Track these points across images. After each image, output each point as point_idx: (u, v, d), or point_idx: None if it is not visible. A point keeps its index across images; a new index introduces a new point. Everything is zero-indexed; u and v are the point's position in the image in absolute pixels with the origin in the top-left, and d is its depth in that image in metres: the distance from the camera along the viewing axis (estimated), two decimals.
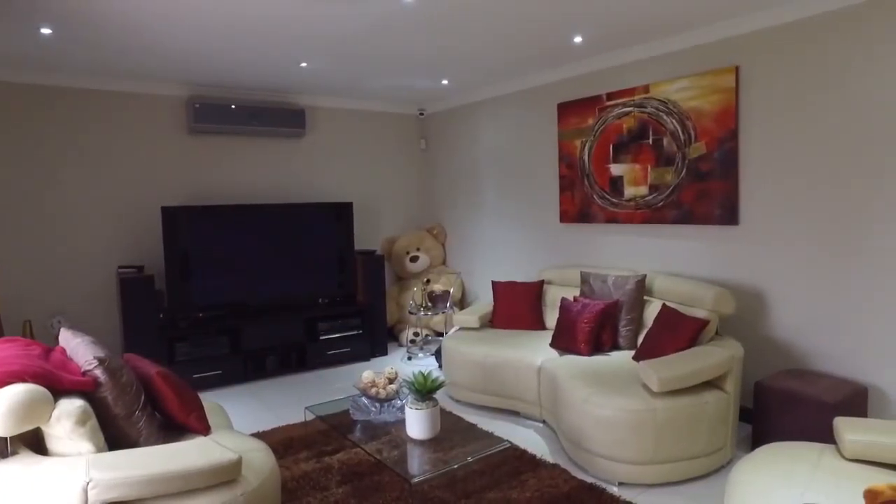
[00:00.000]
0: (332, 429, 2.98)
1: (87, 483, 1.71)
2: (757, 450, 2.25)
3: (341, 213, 5.37)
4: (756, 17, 3.38)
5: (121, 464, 1.80)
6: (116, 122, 4.70)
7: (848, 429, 2.08)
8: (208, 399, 3.40)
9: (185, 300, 4.66)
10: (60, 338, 2.43)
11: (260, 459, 2.22)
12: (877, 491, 1.52)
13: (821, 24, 3.16)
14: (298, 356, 5.02)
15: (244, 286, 4.92)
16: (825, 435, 2.78)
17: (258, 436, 3.54)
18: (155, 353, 4.26)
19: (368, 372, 2.96)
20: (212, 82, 4.85)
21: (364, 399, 2.97)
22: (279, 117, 5.23)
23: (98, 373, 2.07)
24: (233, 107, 4.98)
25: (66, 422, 1.85)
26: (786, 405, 3.00)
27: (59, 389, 1.95)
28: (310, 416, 3.22)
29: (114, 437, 2.10)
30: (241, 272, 4.91)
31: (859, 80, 3.03)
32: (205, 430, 2.38)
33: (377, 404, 2.92)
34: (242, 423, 3.84)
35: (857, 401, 2.92)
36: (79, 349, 2.18)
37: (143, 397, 2.19)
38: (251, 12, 3.20)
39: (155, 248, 4.89)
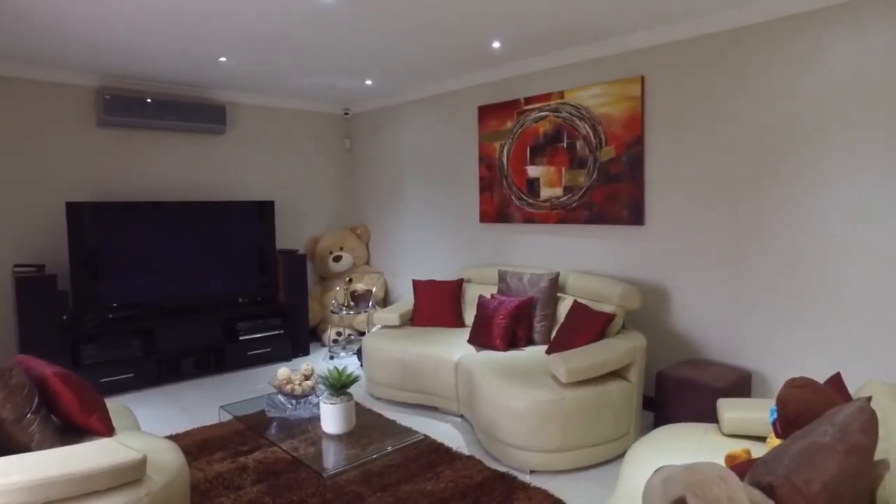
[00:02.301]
0: (248, 428, 2.94)
1: None
2: (651, 432, 2.42)
3: (263, 212, 5.27)
4: (659, 31, 3.63)
5: (2, 470, 1.72)
6: (13, 111, 4.40)
7: (726, 408, 2.29)
8: (118, 403, 3.26)
9: (92, 301, 4.43)
10: None
11: (167, 459, 2.17)
12: (734, 455, 1.70)
13: (717, 41, 3.43)
14: (217, 357, 4.89)
15: (159, 286, 4.74)
16: (714, 416, 3.03)
17: (171, 438, 3.43)
18: (57, 357, 4.03)
19: (284, 369, 2.94)
20: (124, 73, 4.65)
21: (280, 396, 2.95)
22: (198, 113, 5.07)
23: None
24: (148, 100, 4.79)
25: None
26: (682, 392, 3.23)
27: None
28: (225, 417, 3.16)
29: (1, 443, 1.99)
30: (156, 271, 4.72)
31: (751, 93, 3.31)
32: (108, 431, 2.30)
33: (293, 401, 2.91)
34: (154, 426, 3.71)
35: (741, 385, 3.19)
36: None
37: (36, 399, 2.10)
38: (160, 3, 3.11)
39: (59, 245, 4.62)
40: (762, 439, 2.20)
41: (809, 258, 3.11)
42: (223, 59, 4.24)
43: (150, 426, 3.70)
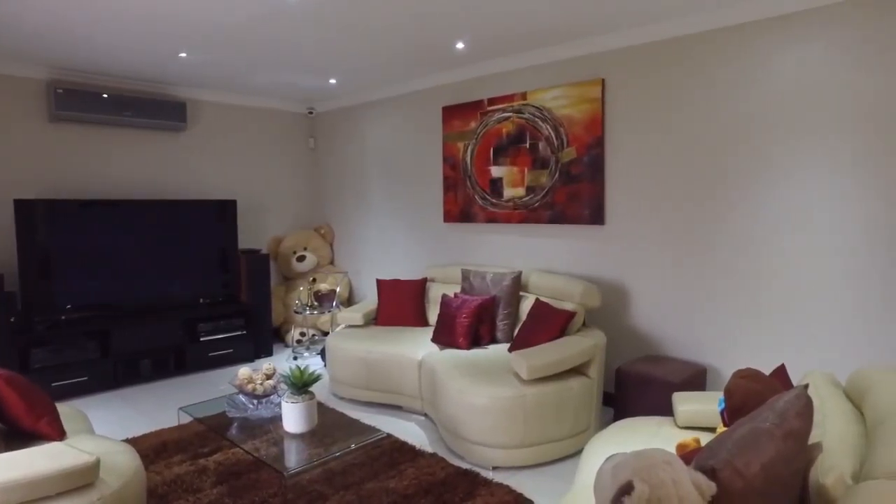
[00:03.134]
0: (209, 429, 2.90)
1: None
2: (608, 427, 2.48)
3: (225, 212, 5.19)
4: (619, 35, 3.71)
5: None
6: None
7: (680, 402, 2.36)
8: (71, 407, 3.17)
9: (43, 302, 4.29)
10: None
11: (122, 461, 2.13)
12: (685, 444, 1.77)
13: (673, 46, 3.53)
14: (177, 359, 4.79)
15: (116, 286, 4.62)
16: (671, 410, 3.11)
17: (128, 442, 3.35)
18: (4, 361, 3.90)
19: (245, 369, 2.90)
20: (78, 67, 4.51)
21: (241, 396, 2.91)
22: (158, 109, 4.96)
23: None
24: (104, 95, 4.66)
25: None
26: (641, 387, 3.31)
27: None
28: (185, 418, 3.11)
29: None
30: (114, 272, 4.60)
31: (706, 97, 3.42)
32: (58, 434, 2.24)
33: (254, 401, 2.87)
34: (110, 430, 3.61)
35: (697, 379, 3.30)
36: None
37: None
38: None
39: (6, 245, 4.45)
40: (714, 430, 2.28)
41: (761, 258, 3.24)
42: (184, 54, 4.16)
43: (106, 430, 3.61)
